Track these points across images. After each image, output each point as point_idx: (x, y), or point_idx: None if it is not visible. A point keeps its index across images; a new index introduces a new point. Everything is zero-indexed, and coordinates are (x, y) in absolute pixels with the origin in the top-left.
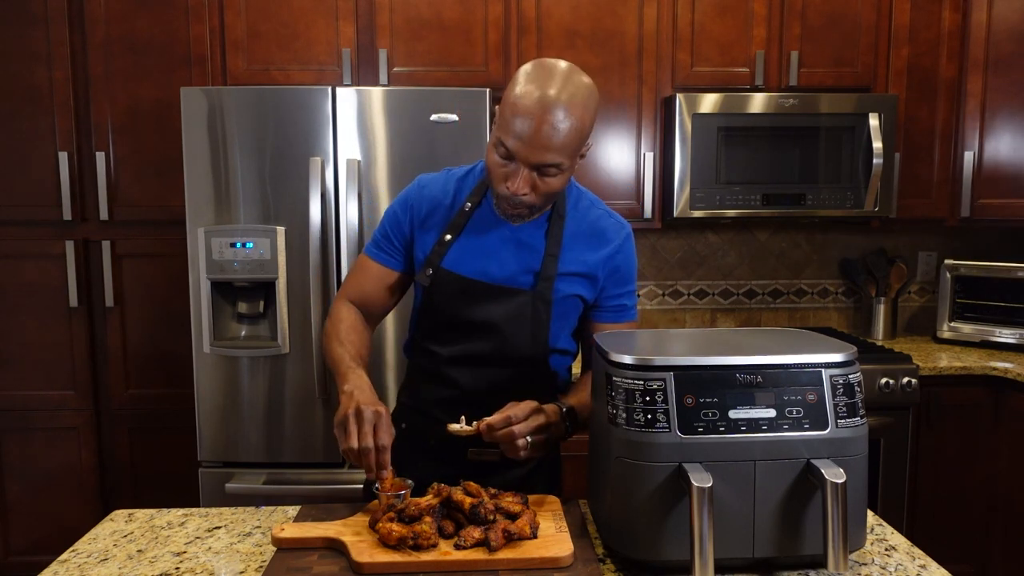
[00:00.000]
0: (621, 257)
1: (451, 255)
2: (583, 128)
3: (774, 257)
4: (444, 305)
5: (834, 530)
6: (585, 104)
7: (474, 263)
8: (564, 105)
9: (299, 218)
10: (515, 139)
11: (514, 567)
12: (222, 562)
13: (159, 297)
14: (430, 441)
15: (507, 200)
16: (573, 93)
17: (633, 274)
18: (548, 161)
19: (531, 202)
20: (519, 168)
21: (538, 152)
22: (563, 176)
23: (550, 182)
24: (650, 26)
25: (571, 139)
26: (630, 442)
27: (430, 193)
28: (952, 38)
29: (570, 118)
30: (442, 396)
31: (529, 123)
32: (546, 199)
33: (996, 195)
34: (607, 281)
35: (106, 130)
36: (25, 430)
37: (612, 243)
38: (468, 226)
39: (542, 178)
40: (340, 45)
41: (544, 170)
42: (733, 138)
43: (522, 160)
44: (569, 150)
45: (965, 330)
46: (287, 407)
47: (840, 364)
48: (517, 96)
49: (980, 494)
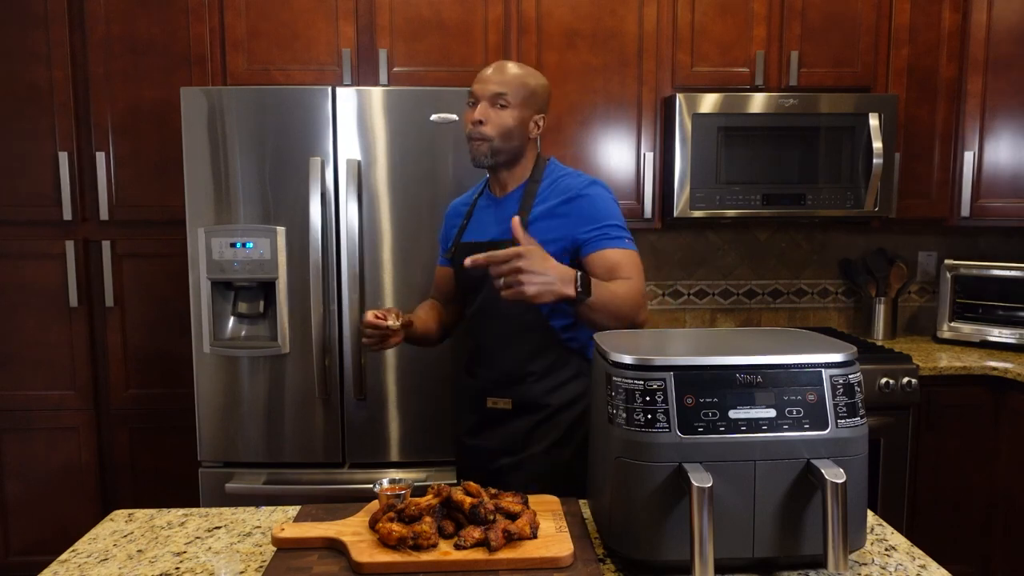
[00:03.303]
0: (584, 201)
1: (464, 234)
2: (529, 83)
3: (774, 257)
4: (458, 272)
5: (834, 530)
6: (534, 75)
7: (476, 232)
8: (515, 66)
9: (299, 218)
10: (477, 83)
11: (514, 567)
12: (222, 562)
13: (159, 297)
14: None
15: (472, 135)
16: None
17: (605, 213)
18: (495, 91)
19: (488, 132)
20: (479, 104)
21: (493, 83)
22: (513, 113)
23: (501, 114)
24: (650, 26)
25: (516, 80)
26: (630, 442)
27: (456, 203)
28: (952, 38)
29: (516, 69)
30: (469, 350)
31: (487, 70)
32: (500, 133)
33: (996, 195)
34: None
35: (106, 130)
36: (25, 430)
37: (572, 191)
38: (475, 212)
39: (495, 110)
40: (340, 45)
41: (496, 101)
42: (733, 138)
43: (478, 94)
44: (513, 87)
45: (965, 330)
46: (287, 407)
47: (840, 364)
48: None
49: (980, 494)
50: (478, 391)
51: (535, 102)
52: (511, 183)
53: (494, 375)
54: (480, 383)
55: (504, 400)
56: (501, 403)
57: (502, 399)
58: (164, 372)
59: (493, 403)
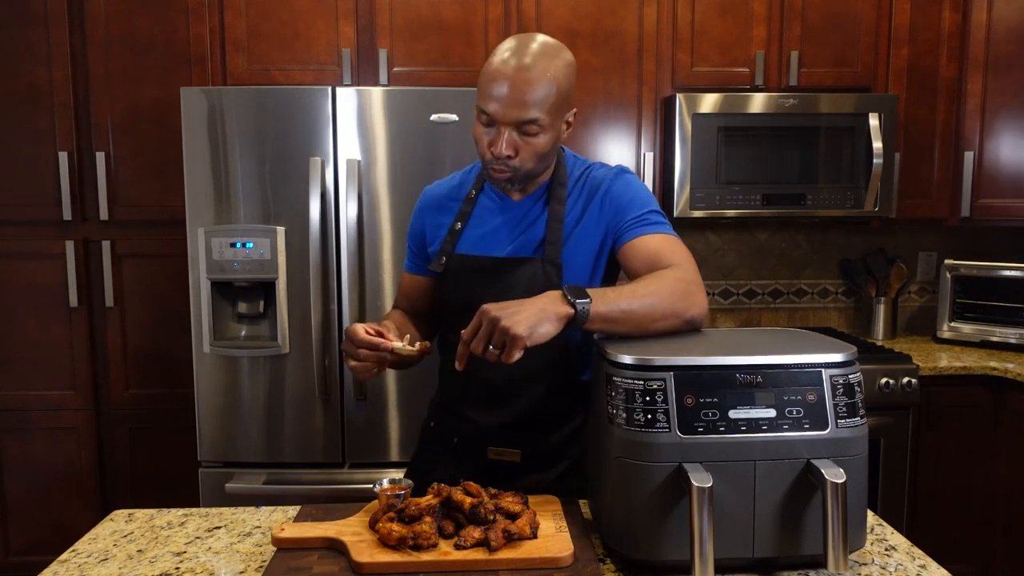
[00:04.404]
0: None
1: (461, 242)
2: (558, 85)
3: (774, 257)
4: (460, 289)
5: (834, 530)
6: (557, 64)
7: (482, 244)
8: (536, 64)
9: (299, 218)
10: (493, 102)
11: (514, 567)
12: (222, 562)
13: (159, 297)
14: (455, 439)
15: (493, 165)
16: (544, 53)
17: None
18: (526, 117)
19: (517, 164)
20: (500, 131)
21: (515, 109)
22: (546, 136)
23: (532, 142)
24: (650, 26)
25: (546, 94)
26: (630, 442)
27: (436, 193)
28: (952, 38)
29: (543, 75)
30: (464, 389)
31: (504, 84)
32: (534, 161)
33: (996, 195)
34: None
35: (106, 130)
36: (25, 430)
37: (603, 184)
38: (475, 212)
39: (524, 138)
40: (340, 45)
41: (524, 128)
42: (733, 138)
43: (501, 121)
44: (546, 106)
45: (965, 330)
46: (287, 407)
47: (840, 364)
48: (492, 64)
49: (980, 494)
50: (476, 439)
51: (567, 100)
52: (535, 183)
53: (499, 420)
54: (479, 429)
55: (511, 452)
56: (507, 455)
57: (508, 449)
58: (164, 372)
59: (497, 454)
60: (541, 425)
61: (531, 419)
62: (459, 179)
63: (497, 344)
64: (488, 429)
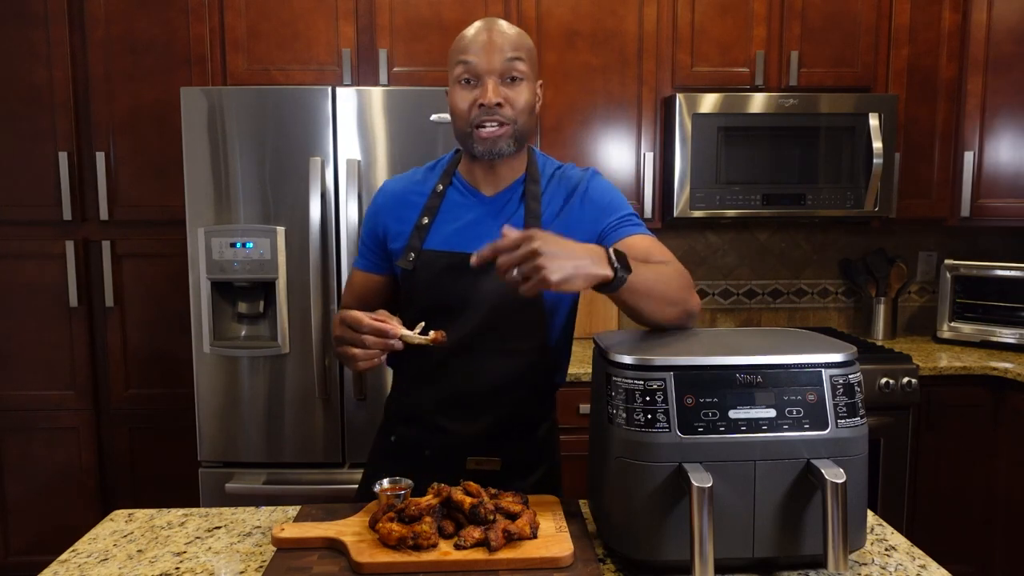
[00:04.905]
0: (595, 193)
1: (431, 237)
2: (528, 45)
3: (774, 257)
4: (431, 287)
5: (834, 530)
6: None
7: (455, 239)
8: (506, 25)
9: (299, 218)
10: (475, 54)
11: (514, 567)
12: (222, 562)
13: (159, 297)
14: (425, 451)
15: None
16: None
17: (619, 202)
18: (510, 56)
19: (510, 115)
20: (486, 80)
21: (498, 51)
22: (528, 88)
23: (517, 91)
24: (650, 26)
25: (523, 43)
26: (630, 442)
27: (396, 188)
28: (952, 38)
29: (515, 29)
30: (439, 396)
31: (484, 35)
32: (523, 115)
33: (996, 195)
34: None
35: (106, 130)
36: (25, 430)
37: (580, 184)
38: (443, 207)
39: (510, 86)
40: (340, 45)
41: (509, 72)
42: (733, 138)
43: (486, 68)
44: (524, 50)
45: (965, 330)
46: (287, 407)
47: (840, 364)
48: (464, 33)
49: (980, 494)
50: (451, 449)
51: (536, 66)
52: (508, 178)
53: (477, 429)
54: (455, 440)
55: (492, 460)
56: (488, 464)
57: (489, 458)
58: (164, 372)
59: (477, 463)
60: (519, 431)
61: (510, 426)
62: (421, 175)
63: (524, 274)
64: (465, 439)
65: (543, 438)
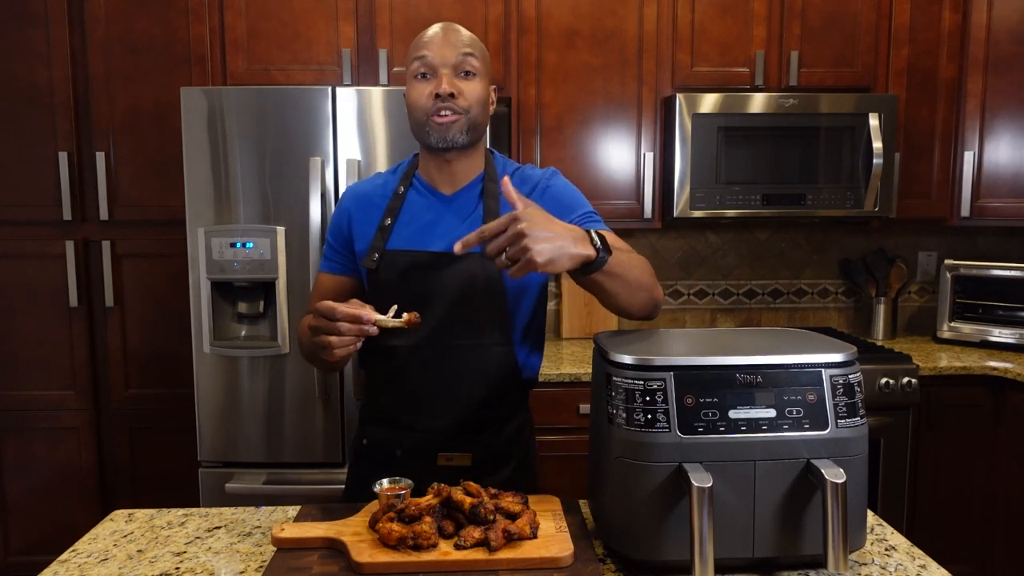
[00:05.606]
0: (555, 191)
1: (393, 237)
2: (482, 47)
3: (774, 257)
4: (394, 286)
5: (834, 530)
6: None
7: (417, 239)
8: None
9: (299, 218)
10: (429, 49)
11: (514, 567)
12: (222, 562)
13: (159, 297)
14: (396, 451)
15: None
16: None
17: (580, 199)
18: (464, 51)
19: (464, 105)
20: (440, 72)
21: (452, 47)
22: (481, 84)
23: (471, 84)
24: (650, 26)
25: (475, 42)
26: (630, 442)
27: (361, 190)
28: (952, 38)
29: (468, 32)
30: (405, 396)
31: (437, 33)
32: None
33: (996, 195)
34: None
35: (106, 130)
36: (25, 430)
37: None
38: (404, 208)
39: (463, 80)
40: (340, 45)
41: (463, 66)
42: (733, 138)
43: (441, 61)
44: (477, 49)
45: (965, 330)
46: (287, 407)
47: (840, 364)
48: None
49: (980, 494)
50: (422, 447)
51: (490, 68)
52: (465, 176)
53: (446, 424)
54: (426, 437)
55: (462, 456)
56: (457, 459)
57: (459, 454)
58: (164, 372)
59: (447, 459)
60: (489, 425)
61: (479, 420)
62: (383, 179)
63: (512, 257)
64: (435, 436)
65: (514, 433)
